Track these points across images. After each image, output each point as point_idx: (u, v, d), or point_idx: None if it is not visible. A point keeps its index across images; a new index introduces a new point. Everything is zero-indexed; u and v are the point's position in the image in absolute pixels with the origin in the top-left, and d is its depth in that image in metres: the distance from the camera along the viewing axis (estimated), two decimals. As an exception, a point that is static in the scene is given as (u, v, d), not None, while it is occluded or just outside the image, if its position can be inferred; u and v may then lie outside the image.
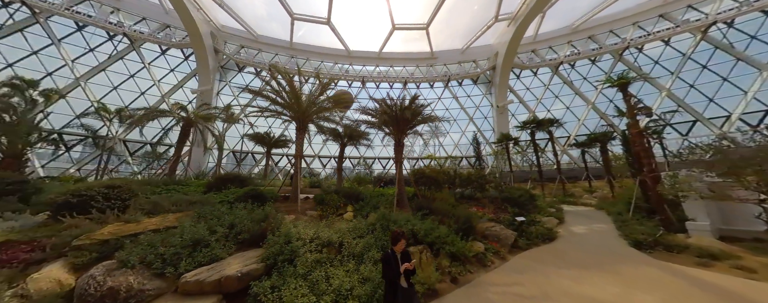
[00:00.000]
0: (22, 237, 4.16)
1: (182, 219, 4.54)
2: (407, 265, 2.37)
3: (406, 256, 2.50)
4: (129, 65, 18.11)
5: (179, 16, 15.89)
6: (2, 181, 6.14)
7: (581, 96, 21.67)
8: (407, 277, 2.45)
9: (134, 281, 2.94)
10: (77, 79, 15.79)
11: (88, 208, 4.71)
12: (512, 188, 11.61)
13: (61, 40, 15.78)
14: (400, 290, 2.39)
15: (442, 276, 4.26)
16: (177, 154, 10.81)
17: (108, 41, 17.42)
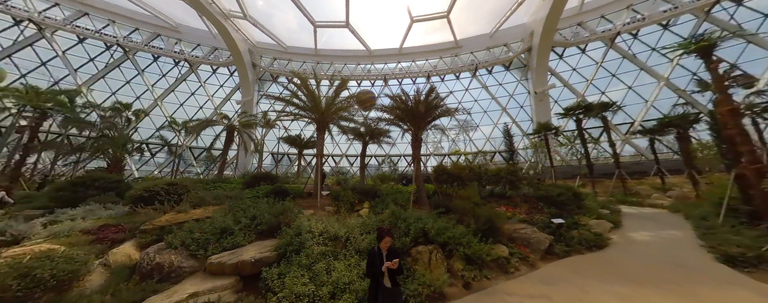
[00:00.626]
0: (114, 221, 5.47)
1: (217, 211, 5.35)
2: (389, 263, 2.20)
3: (393, 254, 2.34)
4: (190, 85, 21.78)
5: (223, 39, 18.41)
6: (106, 181, 8.12)
7: (649, 71, 17.59)
8: (392, 277, 2.32)
9: (175, 259, 3.62)
10: (155, 99, 19.67)
11: (154, 201, 5.91)
12: (549, 186, 10.32)
13: (143, 70, 19.85)
14: (383, 290, 2.28)
15: (453, 279, 4.01)
16: (223, 156, 12.65)
17: (174, 67, 21.21)
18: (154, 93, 19.98)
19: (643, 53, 18.07)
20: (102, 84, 18.41)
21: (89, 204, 6.56)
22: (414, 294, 3.36)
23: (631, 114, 17.93)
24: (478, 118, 25.06)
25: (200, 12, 14.84)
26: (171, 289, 3.16)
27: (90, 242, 4.38)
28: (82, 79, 17.65)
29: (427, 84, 27.28)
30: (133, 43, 19.02)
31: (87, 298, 2.74)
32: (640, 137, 15.75)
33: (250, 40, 21.71)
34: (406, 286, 3.46)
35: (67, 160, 13.26)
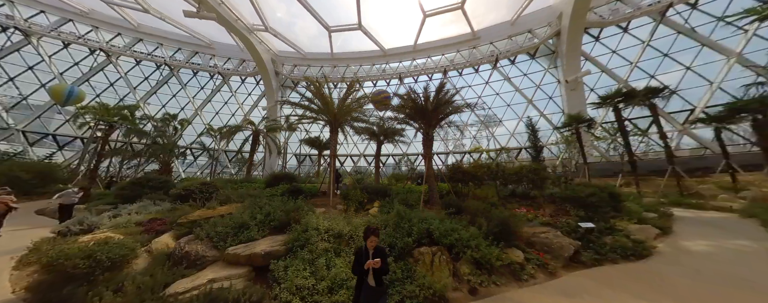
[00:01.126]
0: (160, 215, 6.42)
1: (238, 208, 5.97)
2: (371, 262, 2.20)
3: (379, 253, 2.35)
4: (224, 95, 24.20)
5: (248, 51, 20.11)
6: (157, 181, 9.51)
7: (714, 47, 14.65)
8: (376, 276, 2.33)
9: (200, 249, 4.17)
10: (196, 110, 22.27)
11: (190, 198, 6.80)
12: (579, 185, 9.37)
13: (185, 84, 22.60)
14: (366, 288, 2.30)
15: (458, 284, 3.91)
16: (250, 158, 13.90)
17: (210, 80, 23.74)
18: (195, 104, 22.64)
19: (706, 26, 15.02)
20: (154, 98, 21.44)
21: (143, 201, 7.78)
22: (410, 295, 3.32)
23: (691, 99, 15.29)
24: (501, 112, 23.56)
25: (228, 29, 16.44)
26: (195, 274, 3.67)
27: (140, 232, 5.23)
28: (139, 95, 20.76)
29: (443, 79, 26.53)
30: (177, 62, 21.79)
31: (132, 278, 3.33)
32: (704, 126, 13.25)
33: (272, 50, 23.35)
34: (403, 287, 3.44)
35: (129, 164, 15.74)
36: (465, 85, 25.14)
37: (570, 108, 18.33)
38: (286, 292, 3.21)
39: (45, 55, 18.26)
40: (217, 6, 14.21)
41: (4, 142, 16.46)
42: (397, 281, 3.59)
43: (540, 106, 21.54)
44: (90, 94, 18.28)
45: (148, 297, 3.03)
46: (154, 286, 3.22)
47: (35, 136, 17.71)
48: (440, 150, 25.44)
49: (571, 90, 18.86)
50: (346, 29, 20.54)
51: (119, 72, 20.60)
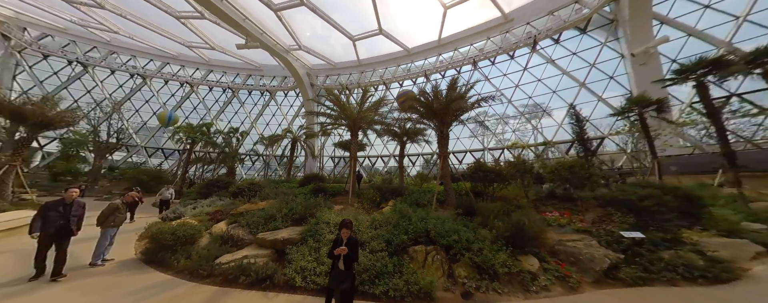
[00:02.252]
0: (222, 208, 8.37)
1: (272, 203, 7.35)
2: (339, 249, 2.59)
3: (351, 243, 2.75)
4: (271, 108, 28.29)
5: (287, 68, 23.14)
6: (222, 182, 12.13)
7: None
8: (346, 262, 2.69)
9: (241, 233, 5.48)
10: (251, 123, 26.69)
11: (241, 195, 8.62)
12: (630, 186, 7.90)
13: (243, 102, 27.33)
14: (336, 271, 2.68)
15: (451, 285, 3.89)
16: (290, 161, 16.15)
17: (260, 96, 28.08)
18: (251, 118, 27.19)
19: None
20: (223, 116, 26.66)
21: (213, 197, 10.15)
22: (395, 288, 3.54)
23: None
24: (546, 100, 20.53)
25: (270, 53, 19.39)
26: (235, 252, 4.91)
27: (207, 220, 7.02)
28: (212, 114, 26.15)
29: (473, 72, 24.93)
30: (236, 85, 26.60)
31: (197, 250, 4.74)
32: None
33: (306, 65, 26.18)
34: (391, 280, 3.67)
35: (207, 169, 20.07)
36: (499, 75, 22.98)
37: (640, 87, 14.37)
38: (292, 271, 4.04)
39: (154, 91, 24.88)
40: (259, 36, 17.02)
41: (134, 155, 23.15)
42: (386, 274, 3.84)
43: (597, 89, 17.85)
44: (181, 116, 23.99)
45: (204, 264, 4.32)
46: (209, 256, 4.54)
47: (151, 150, 24.28)
48: (475, 146, 24.07)
49: (640, 64, 15.12)
50: (368, 36, 21.57)
51: (198, 97, 26.43)
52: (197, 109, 26.72)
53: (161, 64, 25.52)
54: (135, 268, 4.49)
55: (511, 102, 22.55)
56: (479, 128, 23.96)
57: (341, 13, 21.21)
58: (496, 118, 23.02)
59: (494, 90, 22.94)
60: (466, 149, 24.35)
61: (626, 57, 15.88)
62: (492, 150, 23.09)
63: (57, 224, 3.79)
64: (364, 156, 28.64)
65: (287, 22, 17.81)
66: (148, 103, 25.10)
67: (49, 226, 3.72)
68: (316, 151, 21.17)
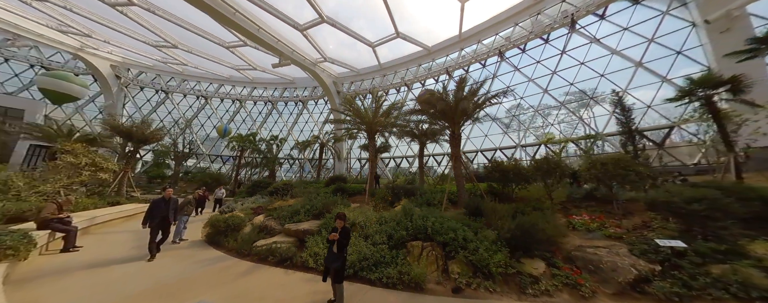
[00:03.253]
0: (262, 204, 10.09)
1: (299, 201, 8.64)
2: (331, 235, 3.25)
3: (343, 232, 3.37)
4: (305, 116, 31.29)
5: (316, 79, 25.46)
6: (263, 183, 14.31)
7: None
8: (338, 246, 3.29)
9: (273, 224, 6.77)
10: (288, 130, 30.00)
11: (276, 194, 10.22)
12: (679, 186, 6.83)
13: (281, 112, 30.83)
14: (330, 253, 3.34)
15: (444, 279, 4.15)
16: (318, 164, 17.90)
17: (295, 106, 31.30)
18: (288, 126, 30.55)
19: None
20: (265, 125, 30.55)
21: (256, 196, 12.16)
22: (387, 276, 4.05)
23: None
24: (592, 86, 17.18)
25: (300, 67, 21.72)
26: (268, 238, 6.15)
27: (251, 214, 8.65)
28: (256, 125, 30.25)
29: (499, 63, 23.43)
30: (274, 98, 30.26)
31: (241, 235, 6.13)
32: None
33: (332, 75, 28.26)
34: (385, 269, 4.23)
35: (253, 172, 23.41)
36: (531, 63, 20.84)
37: (720, 63, 11.49)
38: (307, 255, 5.02)
39: (213, 108, 30.07)
40: (290, 54, 19.31)
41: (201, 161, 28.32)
42: (383, 264, 4.45)
43: (660, 68, 14.14)
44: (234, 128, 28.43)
45: (245, 245, 5.62)
46: (249, 240, 5.85)
47: (213, 157, 29.33)
48: (506, 144, 22.58)
49: (720, 32, 11.97)
50: (386, 41, 22.31)
51: (246, 111, 30.92)
52: (245, 121, 31.27)
53: (217, 86, 30.67)
54: (201, 247, 6.07)
55: (547, 91, 20.07)
56: (512, 123, 22.27)
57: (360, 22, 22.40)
58: (531, 111, 20.79)
59: (526, 80, 21.06)
60: (495, 147, 22.85)
61: (699, 25, 12.77)
62: (527, 146, 21.40)
63: (161, 215, 5.26)
64: (390, 157, 29.43)
65: (312, 39, 19.74)
66: (209, 119, 30.46)
67: (156, 217, 5.20)
68: (344, 153, 22.84)
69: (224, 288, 3.92)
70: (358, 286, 4.08)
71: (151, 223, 5.07)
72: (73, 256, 5.03)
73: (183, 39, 20.85)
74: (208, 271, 4.62)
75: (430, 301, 3.63)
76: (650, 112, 14.98)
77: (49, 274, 4.15)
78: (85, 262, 4.76)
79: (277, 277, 4.42)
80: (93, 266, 4.59)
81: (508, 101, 22.55)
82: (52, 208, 5.01)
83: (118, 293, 3.61)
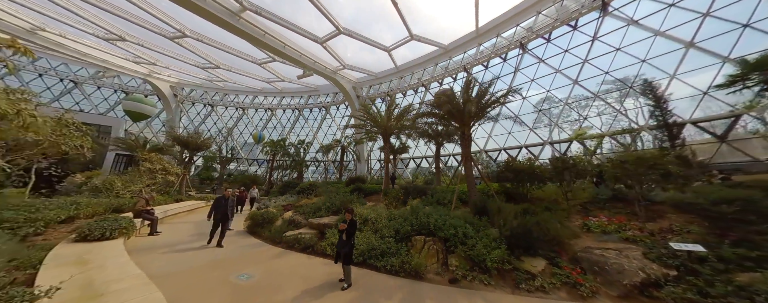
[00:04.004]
0: (291, 202, 11.43)
1: (321, 199, 9.69)
2: (341, 225, 4.08)
3: (350, 223, 4.07)
4: (328, 121, 33.33)
5: (336, 86, 27.07)
6: (293, 184, 15.93)
7: None
8: (347, 235, 4.01)
9: (299, 218, 7.86)
10: (314, 134, 32.26)
11: (304, 193, 11.50)
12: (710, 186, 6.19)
13: (306, 118, 33.29)
14: (339, 240, 4.09)
15: (442, 271, 4.57)
16: (340, 165, 19.13)
17: (319, 112, 33.50)
18: (313, 130, 32.86)
19: None
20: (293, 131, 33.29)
21: (286, 195, 13.69)
22: (390, 264, 4.67)
23: None
24: (633, 72, 14.84)
25: (322, 76, 23.46)
26: (294, 230, 7.20)
27: (282, 210, 9.95)
28: (286, 131, 33.11)
29: (520, 56, 22.23)
30: (300, 105, 32.80)
31: (274, 227, 7.28)
32: None
33: (352, 80, 29.67)
34: (389, 259, 4.84)
35: (284, 174, 25.78)
36: (557, 52, 19.25)
37: None
38: (325, 244, 5.89)
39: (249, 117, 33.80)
40: (312, 65, 21.03)
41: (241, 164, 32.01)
42: (389, 254, 5.08)
43: (718, 47, 11.90)
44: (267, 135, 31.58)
45: (277, 235, 6.72)
46: (280, 231, 6.96)
47: (250, 160, 32.88)
48: (532, 141, 21.34)
49: None
50: (401, 45, 22.84)
51: (276, 119, 34.06)
52: (276, 128, 34.44)
53: (252, 98, 34.37)
54: (243, 235, 7.37)
55: (577, 82, 18.30)
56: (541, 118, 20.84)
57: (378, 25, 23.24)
58: (560, 105, 19.13)
59: (552, 72, 19.59)
60: (520, 145, 21.45)
61: (767, 0, 10.96)
62: (557, 143, 20.00)
63: (222, 211, 6.39)
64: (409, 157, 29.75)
65: (331, 50, 21.21)
66: (246, 127, 34.27)
67: (218, 212, 6.35)
68: (365, 155, 23.94)
69: (261, 265, 4.95)
70: (366, 271, 4.78)
71: (214, 215, 6.34)
72: (156, 238, 6.64)
73: (223, 60, 24.09)
74: (249, 253, 5.76)
75: (426, 287, 4.13)
76: (710, 99, 12.60)
77: (143, 250, 5.65)
78: (164, 243, 6.28)
79: (301, 260, 5.35)
80: (169, 246, 6.05)
81: (535, 95, 20.96)
82: (143, 202, 6.70)
83: (188, 265, 4.85)
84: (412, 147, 27.13)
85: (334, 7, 16.69)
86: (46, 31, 18.57)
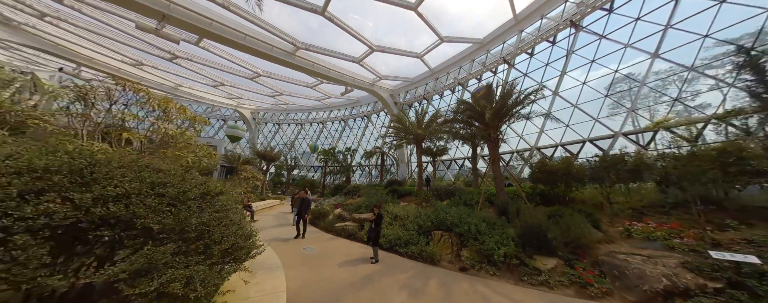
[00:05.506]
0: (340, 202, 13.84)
1: (362, 199, 11.57)
2: (370, 217, 5.94)
3: (377, 216, 5.58)
4: (370, 128, 36.28)
5: (375, 96, 29.56)
6: (341, 187, 18.67)
7: None
8: (375, 223, 5.51)
9: (345, 214, 9.87)
10: (358, 141, 35.66)
11: (350, 194, 13.74)
12: None
13: (351, 128, 37.08)
14: (369, 228, 5.70)
15: (455, 260, 5.41)
16: (381, 169, 21.01)
17: (362, 121, 36.81)
18: (357, 138, 36.35)
19: None
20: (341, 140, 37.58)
21: (337, 196, 16.32)
22: (411, 251, 5.93)
23: None
24: (747, 30, 10.53)
25: (361, 90, 26.26)
26: (341, 223, 9.19)
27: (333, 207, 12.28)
28: (335, 139, 37.70)
29: (574, 34, 19.03)
30: (345, 116, 36.88)
31: (328, 220, 9.48)
32: None
33: (389, 89, 31.68)
34: (410, 247, 6.05)
35: (335, 178, 29.58)
36: (623, 23, 15.48)
37: None
38: (363, 233, 7.56)
39: (306, 131, 40.00)
40: (352, 81, 23.95)
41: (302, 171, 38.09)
42: (411, 243, 6.35)
43: None
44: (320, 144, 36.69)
45: (329, 226, 8.85)
46: (331, 223, 9.08)
47: (309, 167, 38.71)
48: (599, 134, 18.29)
49: None
50: (432, 49, 23.38)
51: (327, 130, 39.19)
52: (326, 138, 39.55)
53: (307, 114, 40.56)
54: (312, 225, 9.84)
55: (658, 55, 14.30)
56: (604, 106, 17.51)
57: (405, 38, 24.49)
58: (635, 87, 14.91)
59: (620, 47, 16.13)
60: (583, 139, 17.98)
61: None
62: (632, 134, 16.76)
63: (300, 208, 8.66)
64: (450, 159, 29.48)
65: (368, 66, 23.63)
66: (303, 139, 40.64)
67: (299, 209, 8.72)
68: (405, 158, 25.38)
69: (319, 244, 6.98)
70: (391, 255, 6.16)
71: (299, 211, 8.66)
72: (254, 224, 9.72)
73: (285, 87, 29.83)
74: (310, 236, 7.96)
75: (437, 270, 5.19)
76: None
77: (249, 232, 8.59)
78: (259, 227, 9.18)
79: (345, 243, 7.16)
80: (263, 229, 8.86)
81: (596, 78, 17.37)
82: (246, 199, 9.93)
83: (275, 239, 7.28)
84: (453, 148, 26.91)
85: (365, 29, 18.96)
86: (182, 87, 27.68)
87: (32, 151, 2.16)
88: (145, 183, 2.35)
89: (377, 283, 4.32)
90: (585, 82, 18.24)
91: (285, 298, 3.28)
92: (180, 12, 11.53)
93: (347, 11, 17.20)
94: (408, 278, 4.59)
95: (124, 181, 2.22)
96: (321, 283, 4.28)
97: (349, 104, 37.01)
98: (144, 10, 11.00)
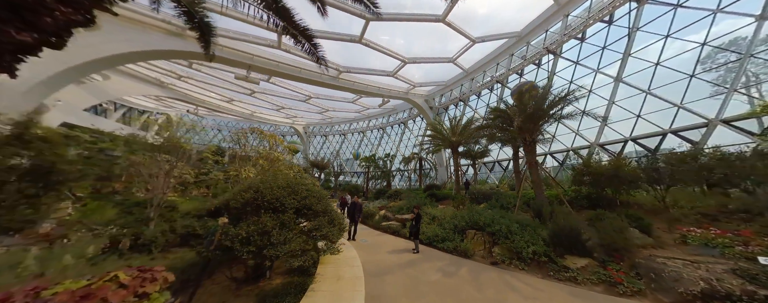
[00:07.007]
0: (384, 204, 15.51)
1: (403, 202, 12.94)
2: (410, 216, 7.32)
3: (417, 215, 7.07)
4: (407, 134, 37.64)
5: (410, 103, 30.91)
6: (383, 191, 20.48)
7: None
8: (415, 221, 6.89)
9: (389, 214, 11.45)
10: (397, 147, 37.45)
11: (391, 197, 15.33)
12: None
13: (390, 134, 39.18)
14: (411, 225, 7.14)
15: (487, 256, 6.19)
16: (419, 173, 22.05)
17: (399, 128, 38.53)
18: (396, 144, 38.17)
19: None
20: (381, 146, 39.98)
21: (380, 199, 18.10)
22: (447, 247, 6.97)
23: None
24: None
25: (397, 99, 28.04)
26: (386, 221, 10.75)
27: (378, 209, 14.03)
28: (375, 147, 40.34)
29: (636, 9, 15.93)
30: (383, 124, 39.26)
31: (375, 219, 11.21)
32: None
33: (423, 95, 32.58)
34: (445, 243, 7.07)
35: (377, 183, 31.77)
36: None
37: None
38: (405, 230, 8.91)
39: (349, 141, 44.06)
40: (388, 93, 25.96)
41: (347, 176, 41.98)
42: (447, 240, 7.37)
43: None
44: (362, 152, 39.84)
45: (377, 224, 10.53)
46: (378, 222, 10.80)
47: (353, 173, 42.37)
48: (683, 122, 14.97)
49: None
50: (464, 51, 23.34)
51: (368, 139, 42.33)
52: (368, 146, 42.62)
53: (349, 125, 44.66)
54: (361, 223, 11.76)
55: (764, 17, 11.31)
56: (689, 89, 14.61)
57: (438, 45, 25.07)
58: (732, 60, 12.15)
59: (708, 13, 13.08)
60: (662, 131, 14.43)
61: None
62: (734, 121, 13.50)
63: (351, 212, 10.28)
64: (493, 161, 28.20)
65: (402, 77, 25.25)
66: (347, 148, 44.75)
67: (352, 214, 10.57)
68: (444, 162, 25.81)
69: (371, 238, 8.68)
70: (430, 248, 7.34)
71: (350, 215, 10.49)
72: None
73: (330, 104, 34.03)
74: (361, 232, 9.73)
75: (470, 262, 6.13)
76: None
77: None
78: (322, 225, 11.58)
79: (391, 238, 8.67)
80: (325, 226, 11.15)
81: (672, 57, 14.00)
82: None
83: (337, 234, 9.32)
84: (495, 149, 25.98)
85: (393, 45, 20.59)
86: (256, 113, 34.98)
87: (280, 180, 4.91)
88: (310, 191, 4.92)
89: (418, 266, 5.62)
90: (659, 63, 14.72)
91: (359, 262, 4.98)
92: (260, 61, 15.94)
93: (378, 34, 19.20)
94: (443, 265, 5.73)
95: (303, 190, 4.88)
96: (377, 262, 5.85)
97: (386, 112, 39.27)
98: (238, 64, 15.65)
